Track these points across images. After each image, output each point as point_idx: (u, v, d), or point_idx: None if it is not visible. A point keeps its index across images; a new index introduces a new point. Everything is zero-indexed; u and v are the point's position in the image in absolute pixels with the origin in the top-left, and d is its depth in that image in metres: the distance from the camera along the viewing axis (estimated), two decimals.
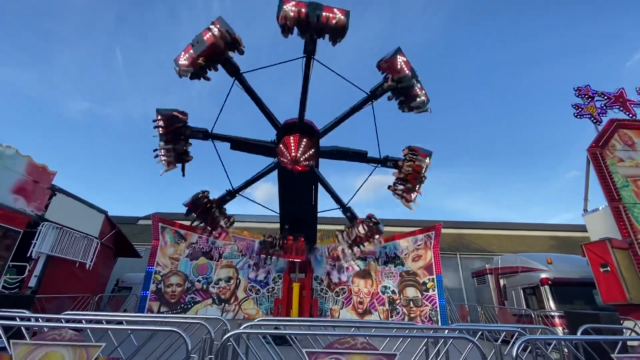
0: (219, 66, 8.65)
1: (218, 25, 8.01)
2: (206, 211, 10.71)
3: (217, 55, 8.29)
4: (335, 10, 7.80)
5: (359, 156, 10.67)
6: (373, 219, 10.99)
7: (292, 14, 7.74)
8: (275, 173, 10.88)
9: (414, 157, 10.05)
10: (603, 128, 11.69)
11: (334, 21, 7.78)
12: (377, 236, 11.08)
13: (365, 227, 10.97)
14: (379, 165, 10.67)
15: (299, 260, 12.08)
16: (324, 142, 10.30)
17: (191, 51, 8.15)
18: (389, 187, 10.62)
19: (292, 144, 9.11)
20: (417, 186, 10.23)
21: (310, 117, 9.62)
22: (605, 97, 12.60)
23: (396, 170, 10.39)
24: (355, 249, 11.71)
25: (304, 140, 9.23)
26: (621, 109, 12.42)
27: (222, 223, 11.30)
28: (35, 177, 10.51)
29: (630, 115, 12.22)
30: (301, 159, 9.08)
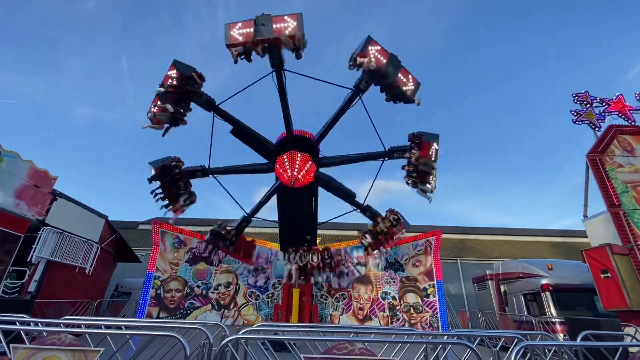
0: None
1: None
2: (172, 181, 9.50)
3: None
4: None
5: (347, 196, 10.22)
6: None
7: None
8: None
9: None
10: (602, 134, 11.73)
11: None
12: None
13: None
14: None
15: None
16: (326, 146, 10.14)
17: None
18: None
19: (288, 163, 8.90)
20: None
21: (310, 123, 9.48)
22: (604, 103, 12.66)
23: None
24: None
25: (299, 155, 9.01)
26: (620, 115, 12.47)
27: (181, 200, 9.93)
28: (36, 181, 10.56)
29: (629, 121, 12.27)
30: (299, 175, 8.86)
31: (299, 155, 9.09)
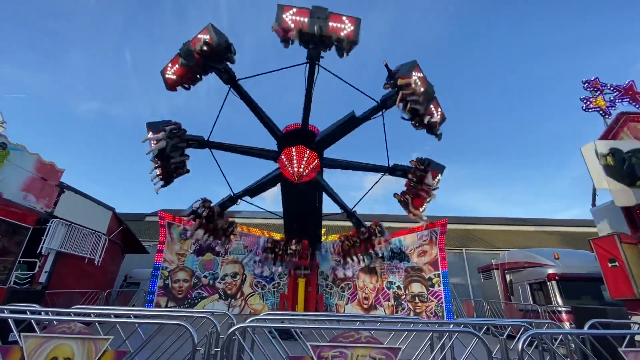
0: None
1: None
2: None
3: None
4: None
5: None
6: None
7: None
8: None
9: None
10: (612, 121, 11.47)
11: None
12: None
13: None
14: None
15: (304, 265, 11.90)
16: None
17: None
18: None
19: (295, 158, 8.71)
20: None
21: (314, 121, 9.25)
22: (615, 90, 12.35)
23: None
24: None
25: (307, 152, 8.83)
26: (631, 101, 12.17)
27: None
28: (43, 174, 10.67)
29: None
30: (305, 172, 8.69)
31: (308, 151, 8.90)
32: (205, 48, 7.26)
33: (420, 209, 9.43)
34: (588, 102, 12.23)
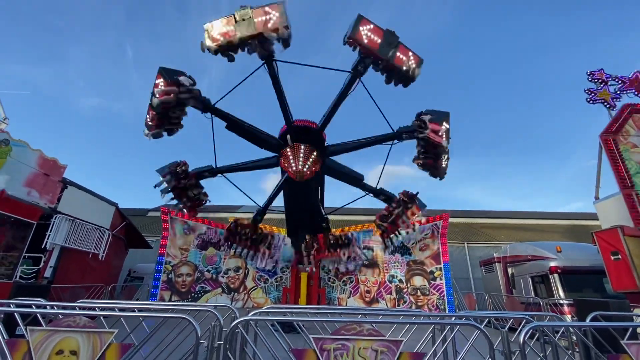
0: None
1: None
2: (181, 186, 9.36)
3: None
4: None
5: (355, 180, 9.97)
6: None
7: (366, 40, 6.80)
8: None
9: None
10: (617, 113, 11.36)
11: (404, 67, 6.89)
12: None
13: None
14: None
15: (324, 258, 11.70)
16: (335, 134, 9.68)
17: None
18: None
19: (291, 158, 8.60)
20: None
21: (317, 112, 9.04)
22: (620, 81, 12.21)
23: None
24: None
25: (302, 147, 8.65)
26: (636, 93, 12.03)
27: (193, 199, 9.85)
28: (46, 170, 10.71)
29: None
30: (304, 168, 8.53)
31: (302, 147, 8.69)
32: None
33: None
34: (592, 94, 12.11)
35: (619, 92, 12.07)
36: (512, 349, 3.35)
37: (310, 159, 8.64)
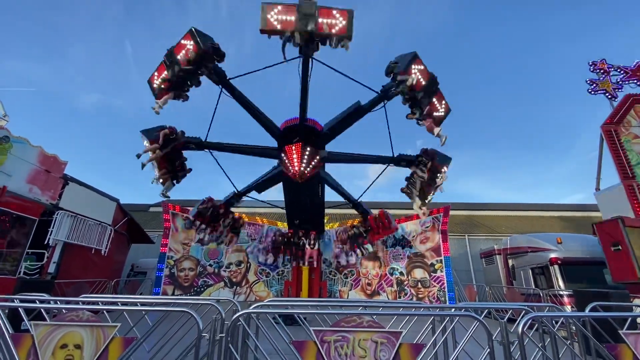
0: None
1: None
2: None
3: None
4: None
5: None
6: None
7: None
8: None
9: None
10: (618, 104, 11.28)
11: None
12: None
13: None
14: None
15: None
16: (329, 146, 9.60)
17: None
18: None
19: (295, 157, 8.33)
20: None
21: (317, 115, 8.82)
22: (622, 71, 12.10)
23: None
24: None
25: (307, 149, 8.44)
26: (639, 83, 11.93)
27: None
28: (47, 166, 10.74)
29: None
30: (306, 170, 8.36)
31: (308, 148, 8.51)
32: (190, 57, 6.80)
33: (426, 200, 9.25)
34: (594, 85, 12.01)
35: (621, 82, 11.96)
36: (511, 340, 3.38)
37: (313, 163, 8.56)
